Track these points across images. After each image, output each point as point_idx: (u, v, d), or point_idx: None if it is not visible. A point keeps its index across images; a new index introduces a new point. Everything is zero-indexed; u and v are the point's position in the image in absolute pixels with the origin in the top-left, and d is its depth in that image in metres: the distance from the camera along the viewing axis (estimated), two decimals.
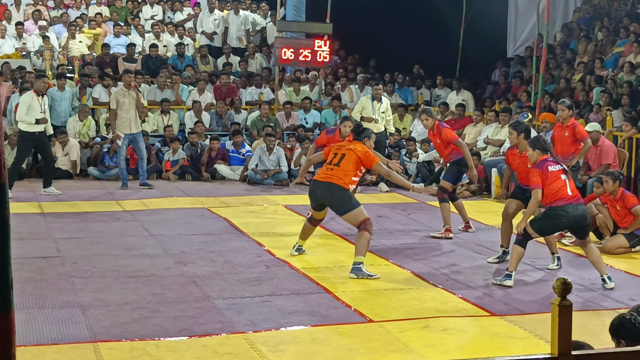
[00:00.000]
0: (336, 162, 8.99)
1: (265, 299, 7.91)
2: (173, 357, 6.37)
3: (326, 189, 8.91)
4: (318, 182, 9.05)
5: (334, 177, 8.90)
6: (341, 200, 8.89)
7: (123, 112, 13.87)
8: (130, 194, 13.62)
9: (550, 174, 8.49)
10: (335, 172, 8.93)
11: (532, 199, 8.51)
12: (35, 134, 13.21)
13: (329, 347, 6.69)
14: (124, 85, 14.08)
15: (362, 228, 8.84)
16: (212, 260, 9.36)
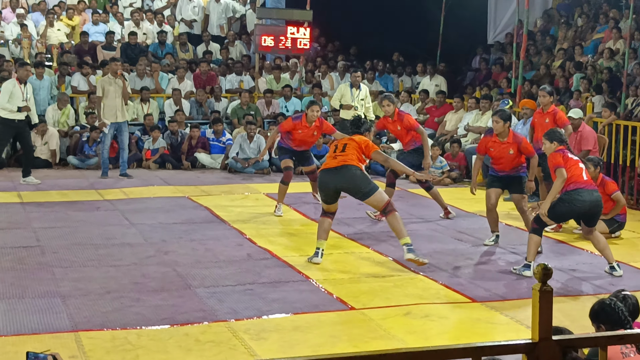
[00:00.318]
0: (341, 149, 8.76)
1: (247, 287, 7.90)
2: (155, 346, 6.36)
3: (346, 172, 8.58)
4: (332, 169, 8.68)
5: (347, 160, 8.65)
6: (362, 182, 8.59)
7: (109, 100, 13.78)
8: (110, 183, 13.55)
9: (570, 160, 8.52)
10: (344, 156, 8.68)
11: (557, 179, 8.43)
12: (16, 121, 13.11)
13: (311, 335, 6.69)
14: (111, 73, 13.99)
15: (389, 210, 8.64)
16: (193, 249, 9.33)
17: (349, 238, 9.98)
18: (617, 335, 3.48)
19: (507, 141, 9.64)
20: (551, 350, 3.04)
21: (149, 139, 15.46)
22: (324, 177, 8.80)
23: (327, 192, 8.83)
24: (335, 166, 8.67)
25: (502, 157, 9.64)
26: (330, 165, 8.76)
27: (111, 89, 13.78)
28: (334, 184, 8.70)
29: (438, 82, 17.91)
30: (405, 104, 17.01)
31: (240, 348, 6.35)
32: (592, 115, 13.40)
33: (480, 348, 3.02)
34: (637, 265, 9.05)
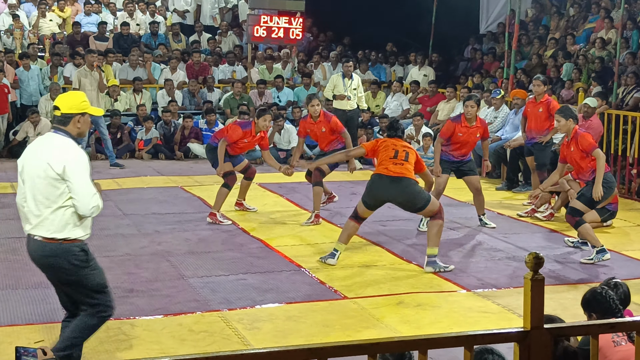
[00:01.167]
0: (403, 157, 8.21)
1: (240, 277, 7.92)
2: (148, 336, 6.37)
3: (404, 186, 8.10)
4: (390, 177, 8.13)
5: (407, 171, 8.16)
6: (418, 198, 8.14)
7: (85, 92, 13.76)
8: (103, 174, 13.54)
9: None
10: (406, 166, 8.19)
11: (600, 159, 8.60)
12: None
13: (304, 324, 6.72)
14: (87, 66, 14.00)
15: (437, 217, 8.28)
16: (187, 239, 9.34)
17: (339, 227, 9.99)
18: (608, 324, 3.51)
19: (476, 125, 10.05)
20: (543, 338, 3.06)
21: (142, 130, 15.45)
22: (379, 184, 8.21)
23: (376, 201, 8.33)
24: (395, 175, 8.12)
25: (468, 142, 9.94)
26: (389, 172, 8.17)
27: (87, 81, 13.83)
28: (387, 196, 8.23)
29: (427, 72, 17.93)
30: (397, 94, 17.02)
31: (234, 338, 6.37)
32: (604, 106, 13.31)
33: (472, 336, 3.05)
34: (628, 254, 9.09)
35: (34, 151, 5.18)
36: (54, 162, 5.03)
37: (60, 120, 5.21)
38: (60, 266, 5.09)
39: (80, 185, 5.06)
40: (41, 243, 5.06)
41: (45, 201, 5.04)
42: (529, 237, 9.77)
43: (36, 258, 5.14)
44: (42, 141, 5.24)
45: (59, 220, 5.05)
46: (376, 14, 19.85)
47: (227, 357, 2.64)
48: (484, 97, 14.80)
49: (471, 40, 19.53)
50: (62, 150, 5.09)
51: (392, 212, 10.84)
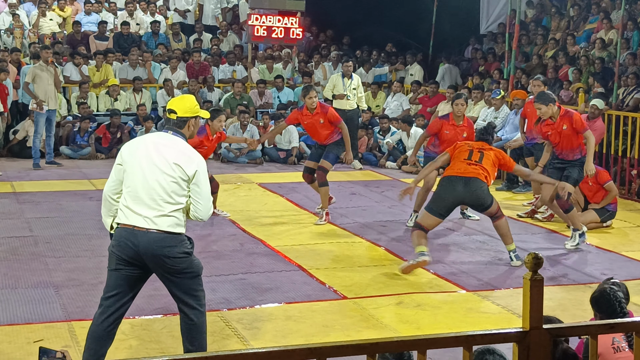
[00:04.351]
0: (477, 159, 8.26)
1: (240, 277, 7.92)
2: (148, 336, 6.37)
3: (475, 187, 8.15)
4: (461, 178, 8.14)
5: (480, 173, 8.22)
6: (486, 198, 8.24)
7: (41, 87, 13.86)
8: (103, 173, 13.52)
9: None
10: (479, 168, 8.23)
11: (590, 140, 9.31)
12: None
13: (304, 324, 6.72)
14: (43, 61, 14.07)
15: (498, 216, 8.39)
16: None
17: (342, 228, 10.00)
18: (607, 324, 3.51)
19: (463, 124, 10.19)
20: (542, 338, 3.06)
21: (142, 129, 15.44)
22: (448, 187, 8.16)
23: (447, 205, 8.18)
24: (467, 176, 8.15)
25: (455, 141, 9.76)
26: (460, 173, 8.18)
27: (43, 76, 13.87)
28: (457, 196, 8.17)
29: (414, 71, 17.94)
30: (397, 94, 17.02)
31: (234, 338, 6.37)
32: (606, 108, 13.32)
33: (471, 337, 3.05)
34: (628, 255, 9.09)
35: (156, 148, 5.22)
36: (185, 164, 5.18)
37: (176, 124, 5.35)
38: (173, 256, 5.20)
39: (206, 190, 5.27)
40: (159, 235, 5.15)
41: (168, 198, 5.16)
42: (528, 238, 9.77)
43: (152, 249, 5.16)
44: (163, 140, 5.29)
45: (179, 217, 5.22)
46: (376, 14, 19.84)
47: (226, 356, 2.64)
48: (485, 97, 14.82)
49: (471, 41, 19.53)
50: (192, 154, 5.27)
51: (392, 212, 10.85)
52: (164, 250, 5.17)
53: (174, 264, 5.23)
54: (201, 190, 5.23)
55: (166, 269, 5.24)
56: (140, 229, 5.15)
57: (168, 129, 5.37)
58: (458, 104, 10.19)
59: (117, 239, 5.25)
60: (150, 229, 5.15)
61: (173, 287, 5.36)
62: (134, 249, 5.18)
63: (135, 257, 5.21)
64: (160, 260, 5.20)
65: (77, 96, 16.03)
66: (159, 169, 5.16)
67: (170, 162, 5.16)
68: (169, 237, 5.18)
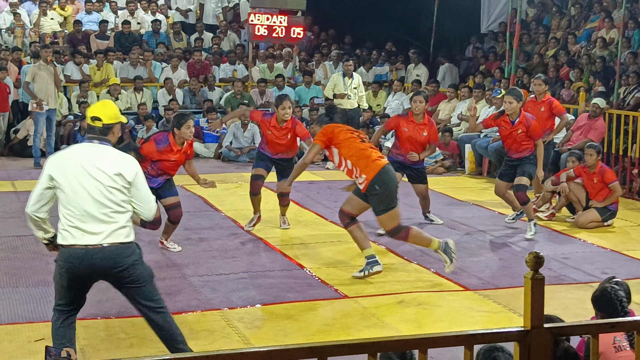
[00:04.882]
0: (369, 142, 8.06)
1: (241, 276, 7.92)
2: (149, 335, 6.36)
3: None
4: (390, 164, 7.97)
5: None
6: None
7: (41, 86, 13.91)
8: None
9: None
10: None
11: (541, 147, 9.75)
12: None
13: (305, 323, 6.72)
14: (42, 60, 14.09)
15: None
16: (188, 237, 9.34)
17: (341, 226, 9.99)
18: (608, 323, 3.51)
19: (423, 122, 9.80)
20: (543, 337, 3.06)
21: (143, 128, 15.44)
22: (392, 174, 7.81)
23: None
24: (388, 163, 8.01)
25: (415, 140, 9.70)
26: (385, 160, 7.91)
27: (43, 75, 13.92)
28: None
29: (420, 72, 17.95)
30: (398, 93, 17.02)
31: (235, 337, 6.38)
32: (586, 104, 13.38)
33: (472, 336, 3.05)
34: (629, 254, 9.08)
35: (91, 163, 5.14)
36: (125, 171, 5.16)
37: (102, 131, 5.29)
38: (136, 264, 5.20)
39: (146, 190, 5.31)
40: (117, 247, 5.14)
41: (119, 208, 5.15)
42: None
43: (109, 264, 5.13)
44: (93, 153, 5.20)
45: (130, 225, 5.24)
46: (378, 12, 19.84)
47: (227, 355, 2.64)
48: (486, 96, 14.81)
49: (472, 40, 19.52)
50: (126, 159, 5.27)
51: None
52: (121, 262, 5.15)
53: (132, 273, 5.21)
54: (142, 192, 5.26)
55: (125, 279, 5.23)
56: (95, 246, 5.11)
57: (93, 138, 5.28)
58: (416, 100, 9.76)
59: (69, 261, 5.17)
60: (104, 244, 5.11)
61: (134, 295, 5.35)
62: (89, 269, 5.16)
63: (92, 275, 5.22)
64: (119, 273, 5.18)
65: (77, 95, 16.02)
66: (102, 184, 5.12)
67: (110, 175, 5.13)
68: (124, 248, 5.17)
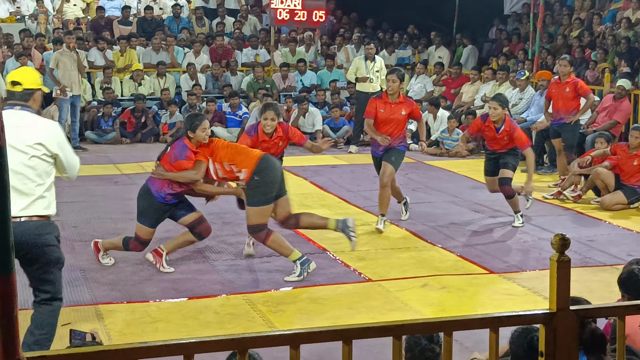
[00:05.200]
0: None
1: (265, 260, 7.93)
2: (174, 318, 6.41)
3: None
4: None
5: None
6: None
7: (65, 72, 13.98)
8: (127, 157, 13.59)
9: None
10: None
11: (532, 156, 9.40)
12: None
13: (329, 307, 6.72)
14: (65, 46, 14.15)
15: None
16: (212, 222, 9.28)
17: (366, 210, 10.00)
18: (634, 305, 3.47)
19: (399, 101, 9.18)
20: (569, 320, 3.04)
21: (166, 114, 15.49)
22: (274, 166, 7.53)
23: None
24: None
25: (392, 120, 9.12)
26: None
27: (67, 62, 13.99)
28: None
29: (442, 54, 17.86)
30: (421, 76, 16.94)
31: (259, 320, 6.39)
32: (612, 85, 13.25)
33: (498, 318, 3.03)
34: None
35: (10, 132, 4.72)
36: (46, 139, 4.93)
37: (22, 97, 5.04)
38: (50, 244, 4.99)
39: (72, 156, 5.10)
40: (36, 222, 4.92)
41: (38, 179, 4.93)
42: (554, 220, 9.72)
43: (28, 240, 4.88)
44: (13, 121, 4.87)
45: (50, 196, 5.01)
46: None
47: (252, 338, 2.64)
48: (510, 78, 14.72)
49: (496, 22, 19.38)
50: (46, 125, 5.04)
51: (416, 195, 10.82)
52: (41, 239, 4.93)
53: (49, 253, 4.98)
54: (67, 157, 5.04)
55: (40, 259, 4.98)
56: (14, 219, 4.74)
57: (13, 104, 5.03)
58: (389, 80, 9.20)
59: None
60: (23, 217, 4.89)
61: (41, 277, 5.05)
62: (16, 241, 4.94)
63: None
64: (37, 249, 4.94)
65: (101, 81, 16.09)
66: (23, 154, 4.88)
67: (31, 143, 4.89)
68: (44, 224, 4.96)
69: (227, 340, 2.61)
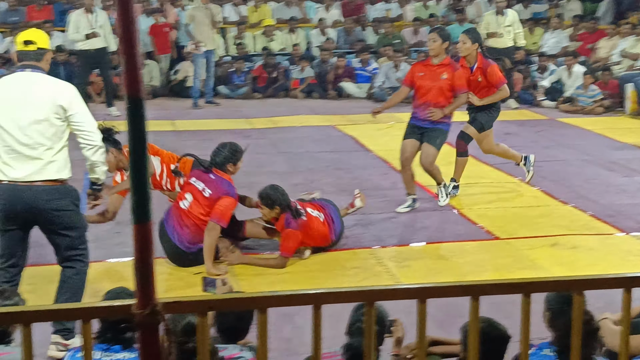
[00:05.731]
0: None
1: (392, 215, 7.95)
2: (300, 270, 6.53)
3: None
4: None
5: None
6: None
7: (200, 28, 14.10)
8: (259, 112, 13.81)
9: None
10: None
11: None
12: (91, 51, 12.95)
13: (456, 264, 6.71)
14: (202, 2, 14.29)
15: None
16: (339, 177, 9.44)
17: (495, 168, 9.86)
18: None
19: (443, 64, 8.03)
20: None
21: (297, 69, 15.62)
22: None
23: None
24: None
25: (432, 87, 7.96)
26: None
27: (201, 17, 14.08)
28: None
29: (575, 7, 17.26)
30: (557, 31, 16.44)
31: (384, 275, 6.44)
32: None
33: (632, 278, 2.94)
34: None
35: (23, 94, 4.84)
36: (60, 100, 4.84)
37: (34, 57, 4.93)
38: (62, 208, 4.92)
39: (86, 114, 4.95)
40: (46, 187, 4.86)
41: (49, 143, 4.84)
42: None
43: (39, 205, 4.86)
44: (25, 83, 4.88)
45: (62, 160, 4.92)
46: None
47: (380, 291, 2.67)
48: None
49: None
50: (60, 86, 4.94)
51: (548, 152, 10.59)
52: (51, 204, 4.87)
53: (63, 217, 4.92)
54: (84, 118, 4.90)
55: (54, 224, 4.94)
56: (24, 183, 4.83)
57: (25, 66, 4.92)
58: (430, 39, 8.16)
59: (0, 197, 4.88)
60: (34, 181, 4.83)
61: (59, 242, 5.03)
62: (19, 206, 4.86)
63: (22, 214, 4.89)
64: (48, 214, 4.89)
65: (234, 36, 16.34)
66: (33, 117, 4.80)
67: (43, 105, 4.80)
68: (56, 188, 4.88)
69: (356, 292, 2.65)
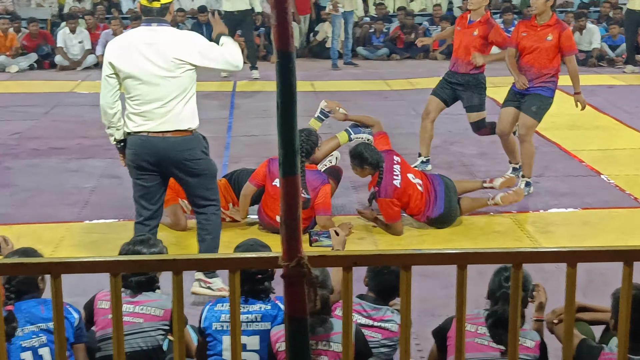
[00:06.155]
0: None
1: (534, 180, 7.74)
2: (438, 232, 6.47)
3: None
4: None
5: None
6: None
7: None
8: (397, 73, 13.72)
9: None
10: None
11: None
12: (234, 13, 12.92)
13: (601, 230, 6.50)
14: None
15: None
16: (479, 140, 9.26)
17: None
18: None
19: (548, 24, 7.09)
20: None
21: (437, 29, 15.41)
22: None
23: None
24: None
25: (536, 49, 7.09)
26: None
27: None
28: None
29: None
30: None
31: (526, 240, 6.31)
32: None
33: None
34: None
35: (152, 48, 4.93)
36: (185, 53, 4.91)
37: (159, 11, 5.01)
38: (193, 158, 5.07)
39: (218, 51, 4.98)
40: (177, 138, 5.02)
41: (180, 96, 4.97)
42: None
43: (171, 156, 5.03)
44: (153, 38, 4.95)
45: (191, 110, 5.05)
46: None
47: (528, 253, 2.60)
48: None
49: None
50: (184, 37, 5.04)
51: None
52: (184, 154, 5.02)
53: (194, 166, 5.08)
54: (213, 58, 4.94)
55: (186, 172, 5.09)
56: (156, 134, 4.99)
57: (151, 21, 5.00)
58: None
59: (133, 148, 5.08)
60: (166, 132, 4.98)
61: (191, 189, 5.20)
62: (152, 156, 5.03)
63: (155, 163, 5.06)
64: (181, 164, 5.05)
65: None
66: (162, 69, 4.91)
67: (170, 58, 4.88)
68: (187, 139, 5.03)
69: (503, 253, 2.59)
